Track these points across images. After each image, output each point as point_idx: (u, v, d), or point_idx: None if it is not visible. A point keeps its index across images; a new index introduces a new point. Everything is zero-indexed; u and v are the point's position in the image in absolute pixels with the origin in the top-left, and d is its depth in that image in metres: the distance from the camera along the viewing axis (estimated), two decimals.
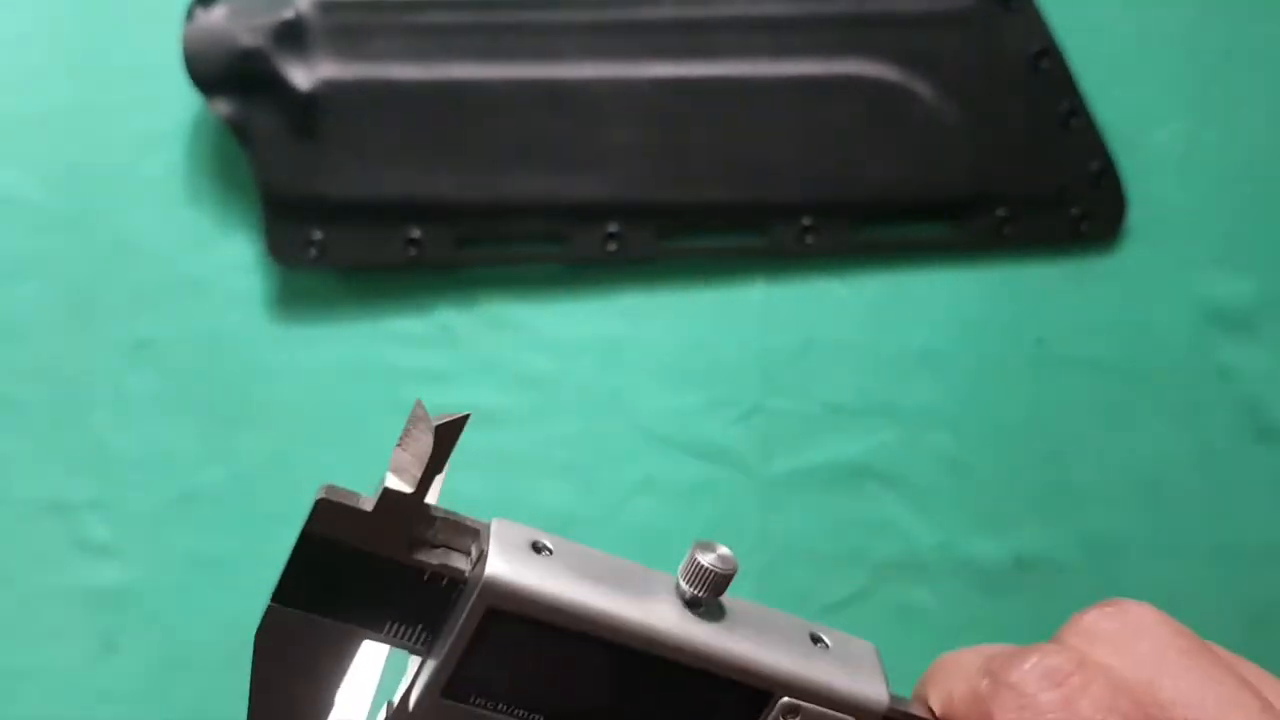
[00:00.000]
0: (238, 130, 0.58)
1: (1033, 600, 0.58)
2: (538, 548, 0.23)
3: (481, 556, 0.22)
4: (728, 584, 0.22)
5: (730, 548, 0.23)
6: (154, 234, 0.60)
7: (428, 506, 0.22)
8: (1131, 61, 0.62)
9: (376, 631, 0.22)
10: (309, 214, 0.59)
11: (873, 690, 0.23)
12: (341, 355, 0.60)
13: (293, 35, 0.58)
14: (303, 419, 0.60)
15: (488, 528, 0.23)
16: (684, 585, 0.23)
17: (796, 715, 0.22)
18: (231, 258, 0.60)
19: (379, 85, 0.58)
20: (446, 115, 0.59)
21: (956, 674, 0.24)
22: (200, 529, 0.59)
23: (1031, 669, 0.22)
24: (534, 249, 0.60)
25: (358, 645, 0.22)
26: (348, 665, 0.23)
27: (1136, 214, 0.61)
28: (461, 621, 0.21)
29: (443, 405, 0.65)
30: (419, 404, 0.22)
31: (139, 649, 0.59)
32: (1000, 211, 0.61)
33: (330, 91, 0.58)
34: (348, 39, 0.59)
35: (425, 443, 0.21)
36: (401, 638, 0.22)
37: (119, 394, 0.59)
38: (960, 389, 0.60)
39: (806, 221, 0.60)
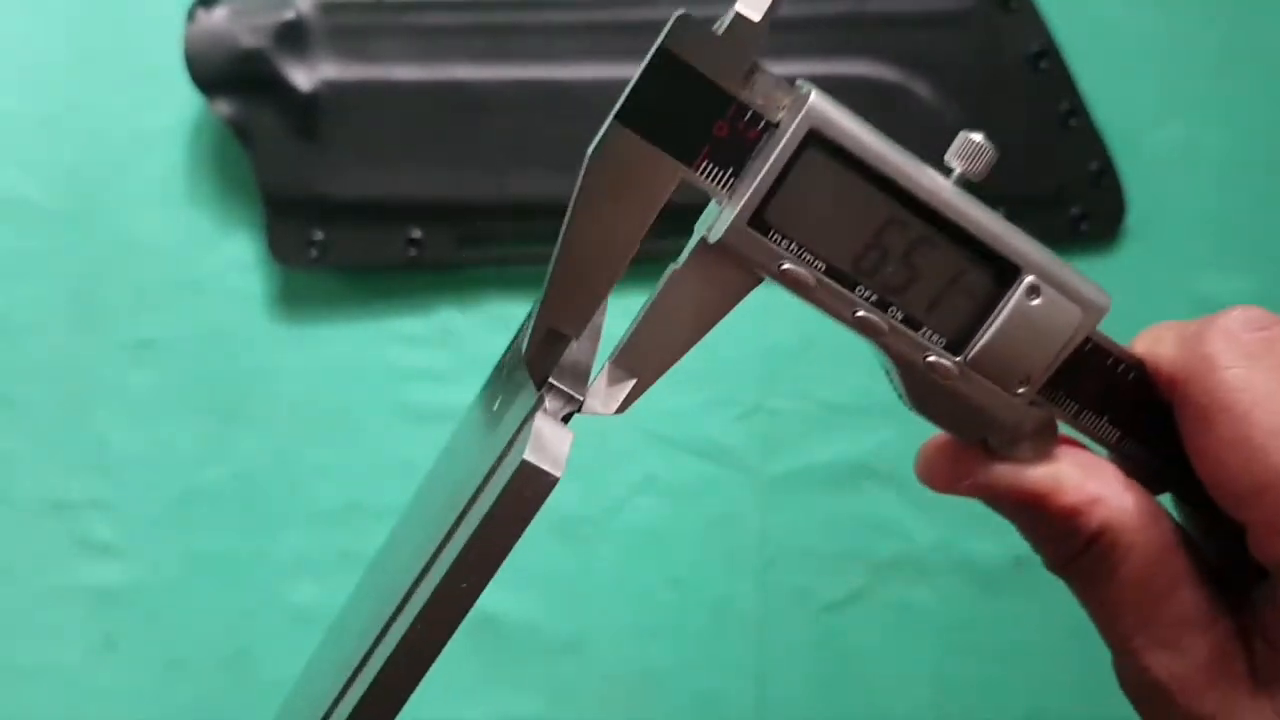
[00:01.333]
0: (239, 130, 0.58)
1: (1032, 600, 0.58)
2: (844, 110, 0.24)
3: (801, 102, 0.23)
4: (994, 164, 0.25)
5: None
6: (155, 234, 0.60)
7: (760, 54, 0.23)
8: (1131, 62, 0.62)
9: (691, 167, 0.24)
10: (310, 214, 0.59)
11: (1100, 295, 0.25)
12: (342, 355, 0.60)
13: (293, 36, 0.58)
14: (304, 418, 0.60)
15: (808, 93, 0.24)
16: (955, 163, 0.25)
17: (1037, 295, 0.24)
18: (232, 257, 0.60)
19: (379, 86, 0.59)
20: (447, 116, 0.59)
21: (1162, 330, 0.26)
22: (201, 528, 0.59)
23: (1237, 315, 0.25)
24: (535, 249, 0.60)
25: (673, 183, 0.24)
26: (659, 205, 0.24)
27: (1136, 214, 0.61)
28: (781, 146, 0.23)
29: (444, 404, 0.65)
30: None
31: (140, 648, 0.59)
32: (1000, 211, 0.60)
33: (331, 92, 0.58)
34: (348, 40, 0.59)
35: None
36: (711, 178, 0.24)
37: (120, 393, 0.59)
38: None
39: None
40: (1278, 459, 0.23)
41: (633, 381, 0.26)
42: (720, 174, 0.24)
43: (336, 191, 0.59)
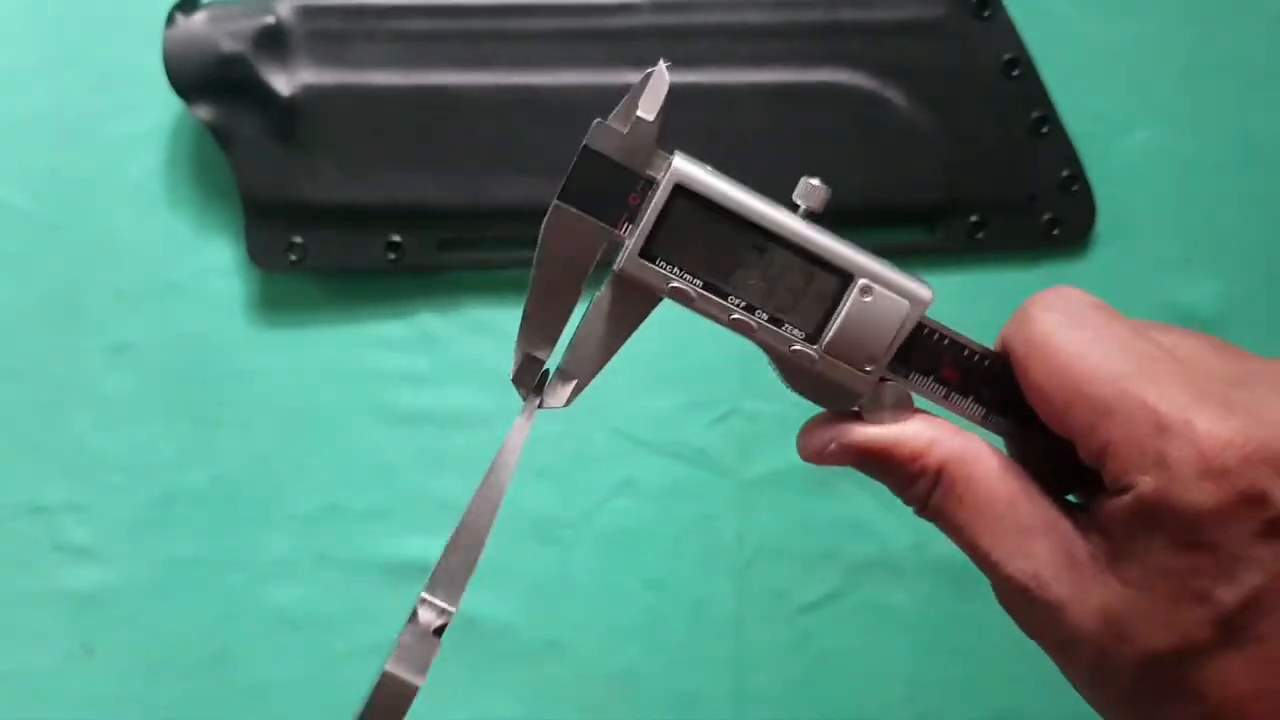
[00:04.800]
0: (218, 135, 0.58)
1: None
2: (703, 168, 0.32)
3: (669, 163, 0.32)
4: (828, 200, 0.32)
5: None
6: (134, 237, 0.60)
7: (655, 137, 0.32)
8: (1101, 70, 0.63)
9: (614, 226, 0.32)
10: (289, 218, 0.59)
11: (923, 288, 0.32)
12: (322, 359, 0.60)
13: (273, 41, 0.58)
14: (283, 422, 0.60)
15: (674, 156, 0.32)
16: (800, 203, 0.32)
17: (869, 293, 0.31)
18: (212, 261, 0.60)
19: (359, 91, 0.59)
20: (426, 121, 0.59)
21: (1028, 308, 0.32)
22: (180, 531, 0.59)
23: (1052, 290, 0.32)
24: (514, 253, 0.60)
25: (604, 240, 0.32)
26: (593, 260, 0.32)
27: (1106, 219, 0.62)
28: (657, 197, 0.31)
29: (423, 408, 0.65)
30: (661, 64, 0.31)
31: (119, 652, 0.59)
32: (973, 217, 0.61)
33: (311, 97, 0.59)
34: (328, 45, 0.59)
35: (663, 83, 0.31)
36: (624, 232, 0.32)
37: (99, 397, 0.59)
38: None
39: None
40: (1079, 378, 0.29)
41: (575, 381, 0.33)
42: (626, 229, 0.32)
43: (316, 196, 0.59)
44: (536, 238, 0.32)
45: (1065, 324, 0.30)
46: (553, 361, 0.33)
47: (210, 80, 0.58)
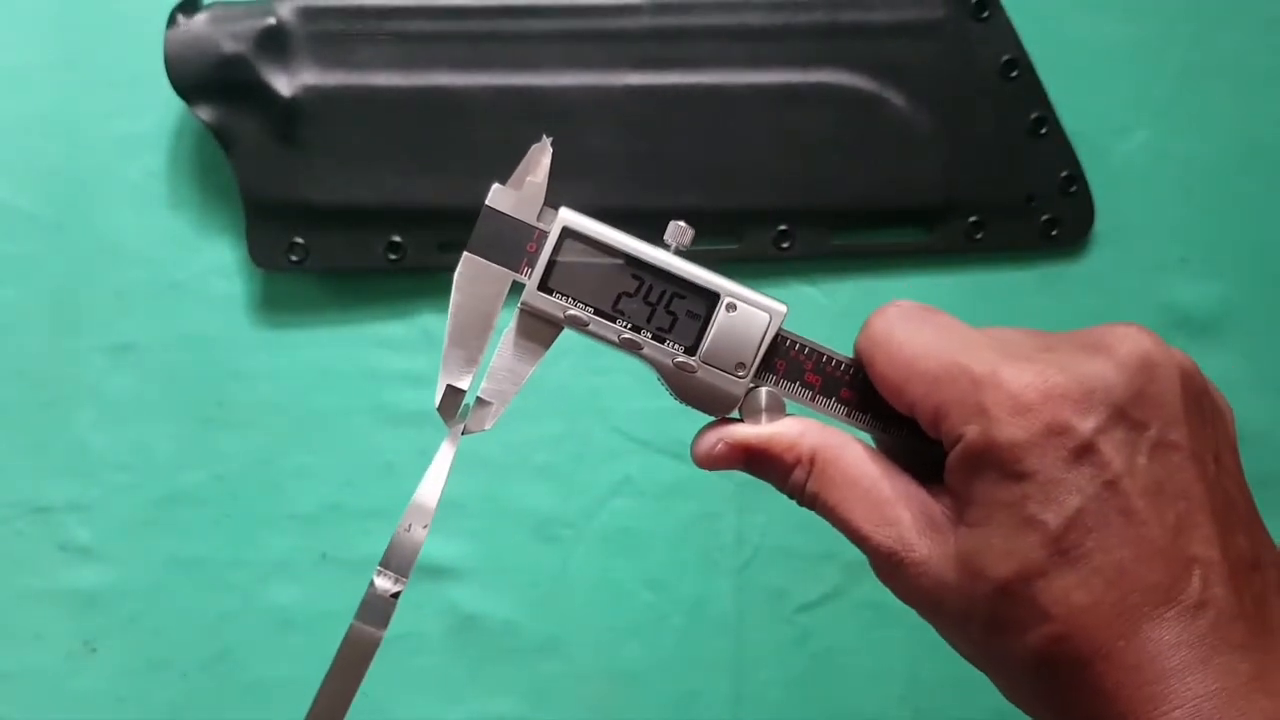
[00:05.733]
0: (220, 135, 0.58)
1: None
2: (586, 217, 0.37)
3: (558, 214, 0.37)
4: (693, 241, 0.37)
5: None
6: (136, 238, 0.60)
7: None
8: (1099, 72, 0.63)
9: (516, 270, 0.37)
10: (290, 219, 0.59)
11: (778, 304, 0.37)
12: (323, 358, 0.61)
13: (274, 42, 0.59)
14: (284, 421, 0.60)
15: (561, 209, 0.37)
16: (670, 241, 0.37)
17: (734, 309, 0.37)
18: (213, 262, 0.60)
19: (360, 92, 0.59)
20: (427, 122, 0.59)
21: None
22: (182, 531, 0.59)
23: (893, 302, 0.36)
24: None
25: (508, 282, 0.37)
26: (500, 300, 0.37)
27: (1104, 220, 0.62)
28: (550, 240, 0.37)
29: (423, 408, 0.66)
30: (545, 140, 0.38)
31: (120, 650, 0.59)
32: (972, 217, 0.62)
33: (312, 98, 0.59)
34: (329, 46, 0.59)
35: (545, 158, 0.37)
36: (526, 274, 0.37)
37: (100, 397, 0.60)
38: None
39: (781, 227, 0.61)
40: (911, 359, 0.33)
41: (493, 406, 0.38)
42: (528, 270, 0.37)
43: (317, 196, 0.59)
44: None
45: (899, 321, 0.35)
46: (472, 393, 0.37)
47: (211, 81, 0.58)
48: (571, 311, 0.37)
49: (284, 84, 0.59)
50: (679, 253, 0.37)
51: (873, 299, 0.61)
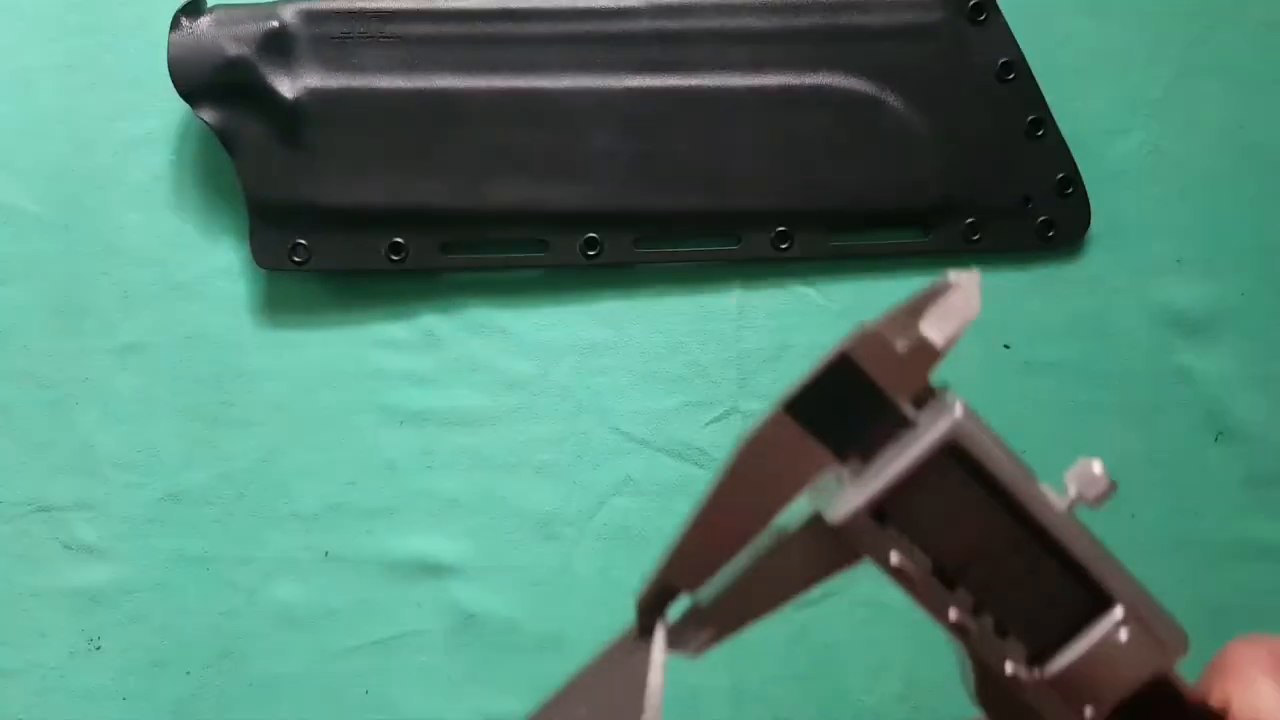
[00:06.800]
0: (224, 137, 0.59)
1: None
2: (986, 428, 0.24)
3: (945, 410, 0.24)
4: (1107, 494, 0.25)
5: None
6: (140, 239, 0.60)
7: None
8: (1096, 74, 0.63)
9: (839, 461, 0.24)
10: (294, 220, 0.59)
11: (1180, 637, 0.25)
12: (326, 359, 0.61)
13: (278, 44, 0.59)
14: (287, 421, 0.60)
15: (954, 403, 0.24)
16: (1071, 488, 0.25)
17: (1124, 628, 0.24)
18: (217, 263, 0.61)
19: (363, 94, 0.59)
20: (429, 124, 0.59)
21: (1256, 675, 0.26)
22: (186, 530, 0.60)
23: None
24: (515, 255, 0.61)
25: (814, 477, 0.24)
26: (801, 489, 0.25)
27: (1100, 222, 0.63)
28: (919, 449, 0.24)
29: (426, 408, 0.66)
30: (969, 275, 0.24)
31: (124, 648, 0.59)
32: (969, 219, 0.62)
33: (315, 100, 0.59)
34: (332, 49, 0.59)
35: (970, 306, 0.24)
36: (852, 471, 0.24)
37: (105, 396, 0.60)
38: None
39: (780, 229, 0.61)
40: None
41: (714, 630, 0.27)
42: (859, 469, 0.25)
43: (320, 198, 0.59)
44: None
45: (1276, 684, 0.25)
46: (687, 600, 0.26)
47: (215, 83, 0.58)
48: (899, 562, 0.25)
49: (287, 86, 0.59)
50: (1076, 511, 0.25)
51: (871, 300, 0.61)
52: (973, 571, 0.25)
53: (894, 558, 0.25)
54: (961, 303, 0.25)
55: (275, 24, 0.59)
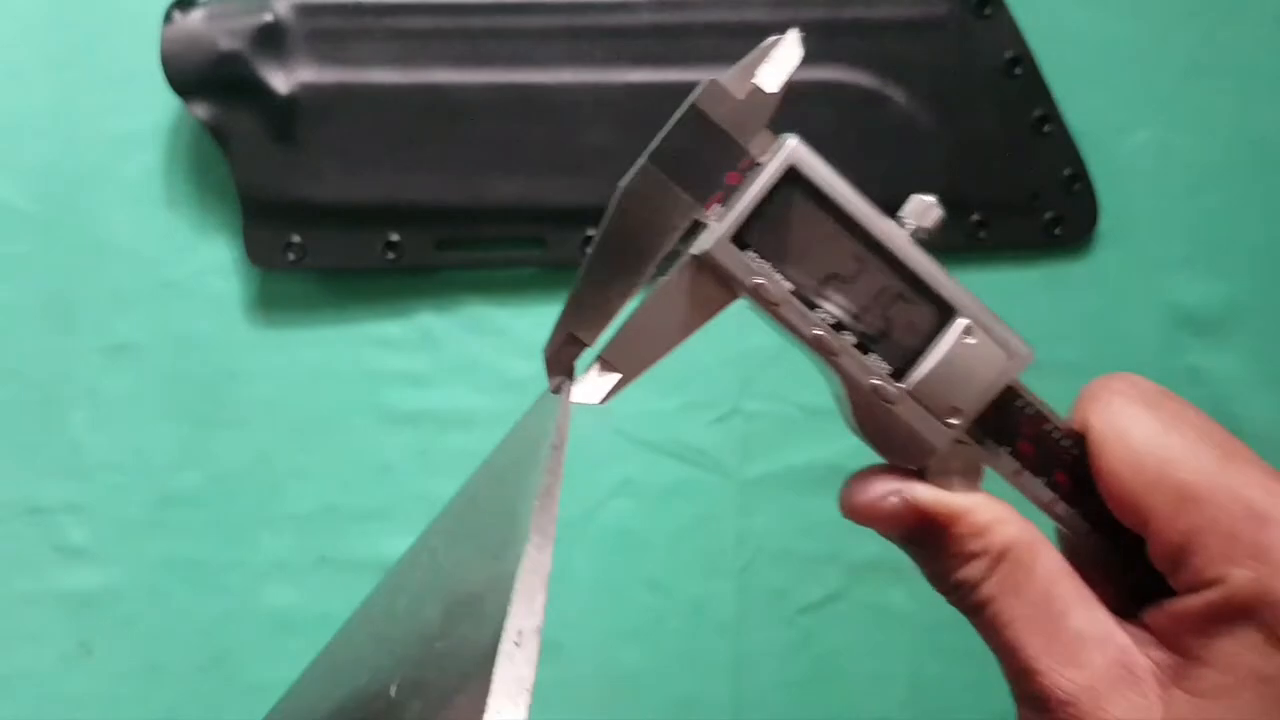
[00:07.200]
0: (216, 133, 0.58)
1: None
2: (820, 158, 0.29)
3: (782, 143, 0.28)
4: (939, 224, 0.29)
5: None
6: (132, 237, 0.60)
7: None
8: (1103, 69, 0.62)
9: (703, 204, 0.28)
10: (288, 217, 0.59)
11: (1024, 346, 0.29)
12: (320, 358, 0.60)
13: (271, 39, 0.58)
14: (281, 421, 0.60)
15: (790, 137, 0.28)
16: (909, 220, 0.29)
17: (971, 336, 0.28)
18: (210, 260, 0.60)
19: (358, 89, 0.59)
20: (425, 120, 0.59)
21: (1106, 395, 0.29)
22: (178, 532, 0.59)
23: (1127, 376, 0.29)
24: (512, 252, 0.60)
25: (683, 221, 0.28)
26: (669, 239, 0.28)
27: (1108, 219, 0.62)
28: (764, 177, 0.27)
29: (422, 408, 0.65)
30: (791, 31, 0.28)
31: (116, 653, 0.59)
32: (975, 215, 0.61)
33: (309, 95, 0.58)
34: (326, 43, 0.59)
35: (793, 55, 0.28)
36: (710, 214, 0.28)
37: (96, 397, 0.59)
38: None
39: None
40: (1161, 462, 0.27)
41: (617, 377, 0.30)
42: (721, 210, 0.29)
43: (314, 195, 0.59)
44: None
45: (1144, 410, 0.28)
46: (592, 350, 0.29)
47: (208, 79, 0.58)
48: (761, 281, 0.28)
49: (281, 81, 0.58)
50: (919, 240, 0.29)
51: None
52: (829, 293, 0.28)
53: (758, 280, 0.28)
54: (786, 54, 0.28)
55: (269, 18, 0.58)
